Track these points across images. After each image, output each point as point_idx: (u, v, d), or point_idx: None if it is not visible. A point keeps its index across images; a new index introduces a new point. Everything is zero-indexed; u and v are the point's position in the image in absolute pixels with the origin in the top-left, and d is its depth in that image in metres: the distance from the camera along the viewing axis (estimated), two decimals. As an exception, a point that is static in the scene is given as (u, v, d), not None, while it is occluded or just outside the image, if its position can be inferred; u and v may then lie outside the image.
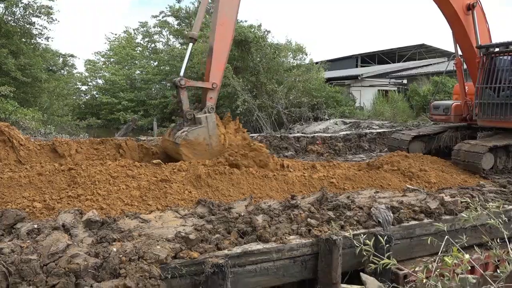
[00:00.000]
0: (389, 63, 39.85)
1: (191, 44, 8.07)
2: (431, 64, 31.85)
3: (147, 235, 4.52)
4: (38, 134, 14.59)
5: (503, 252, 3.40)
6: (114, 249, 4.05)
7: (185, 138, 7.39)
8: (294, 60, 27.51)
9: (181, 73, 7.81)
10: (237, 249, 4.39)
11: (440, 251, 3.60)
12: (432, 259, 3.87)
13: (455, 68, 11.47)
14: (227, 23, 7.88)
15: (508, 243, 3.47)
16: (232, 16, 7.96)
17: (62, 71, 28.53)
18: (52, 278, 3.60)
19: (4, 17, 19.69)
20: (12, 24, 20.03)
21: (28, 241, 4.15)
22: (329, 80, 28.18)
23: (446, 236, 3.69)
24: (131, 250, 4.04)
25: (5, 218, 4.65)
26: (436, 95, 18.64)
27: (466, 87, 11.13)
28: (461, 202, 6.01)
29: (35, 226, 4.47)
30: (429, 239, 3.89)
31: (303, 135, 14.31)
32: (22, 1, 19.76)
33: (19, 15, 20.31)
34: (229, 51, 8.26)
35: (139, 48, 41.07)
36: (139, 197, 5.88)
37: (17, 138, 7.28)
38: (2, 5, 19.48)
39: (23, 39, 20.46)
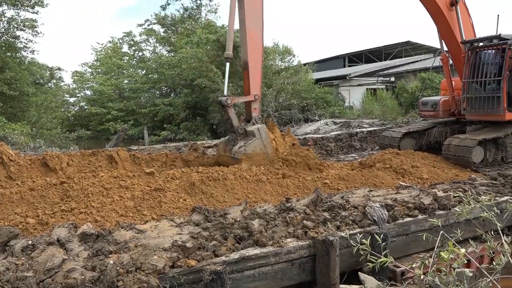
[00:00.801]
0: (376, 61, 40.15)
1: (228, 64, 8.50)
2: (417, 61, 32.16)
3: (144, 246, 4.49)
4: (27, 148, 14.42)
5: (497, 244, 3.44)
6: (111, 262, 4.02)
7: (245, 153, 7.94)
8: (282, 63, 27.60)
9: (225, 92, 8.49)
10: (235, 255, 4.39)
11: (436, 247, 3.63)
12: (429, 255, 3.91)
13: (441, 64, 11.61)
14: (255, 35, 8.36)
15: (501, 235, 3.51)
16: (259, 28, 8.41)
17: (50, 84, 28.28)
18: (49, 294, 3.56)
19: (-12, 31, 19.52)
20: (-4, 38, 19.87)
21: (23, 258, 4.11)
22: (317, 81, 28.31)
23: (441, 231, 3.72)
24: (128, 261, 4.01)
25: (-2, 235, 4.60)
26: (424, 91, 18.84)
27: (453, 82, 11.27)
28: (454, 196, 6.07)
29: (29, 242, 4.42)
30: (424, 235, 3.92)
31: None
32: (5, 15, 19.62)
33: (3, 29, 20.15)
34: (263, 61, 8.78)
35: (126, 57, 40.88)
36: (133, 208, 5.85)
37: (7, 154, 7.20)
38: (-15, 20, 19.31)
39: (8, 53, 20.26)
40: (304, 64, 26.99)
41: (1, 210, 5.63)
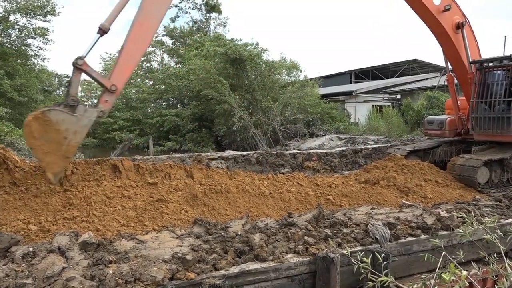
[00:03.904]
0: (383, 78, 40.30)
1: (98, 35, 6.75)
2: (424, 79, 32.24)
3: (144, 257, 4.49)
4: (33, 155, 14.49)
5: (500, 267, 3.40)
6: (110, 271, 4.02)
7: (45, 112, 6.04)
8: (289, 77, 27.78)
9: (83, 54, 6.64)
10: (234, 269, 4.36)
11: (438, 268, 3.59)
12: (430, 276, 3.86)
13: (447, 84, 11.64)
14: (149, 25, 6.90)
15: (505, 258, 3.47)
16: (157, 19, 7.00)
17: (58, 91, 28.60)
18: (47, 302, 3.56)
19: (0, 39, 19.86)
20: (8, 46, 20.20)
21: (23, 264, 4.11)
22: (323, 96, 28.42)
23: (443, 252, 3.68)
24: (127, 272, 4.00)
25: (0, 241, 4.61)
26: (429, 109, 18.82)
27: (459, 102, 11.27)
28: (458, 217, 6.02)
29: (30, 249, 4.43)
30: (426, 255, 3.88)
31: (299, 151, 14.31)
32: (18, 23, 19.98)
33: (15, 37, 20.51)
34: (142, 56, 7.47)
35: (134, 67, 41.24)
36: (135, 218, 5.86)
37: (12, 160, 7.24)
38: (-1, 28, 19.70)
39: (19, 60, 20.58)
40: (311, 79, 27.14)
41: (4, 216, 5.65)
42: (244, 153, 12.90)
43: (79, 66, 6.46)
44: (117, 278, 3.89)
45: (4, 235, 4.71)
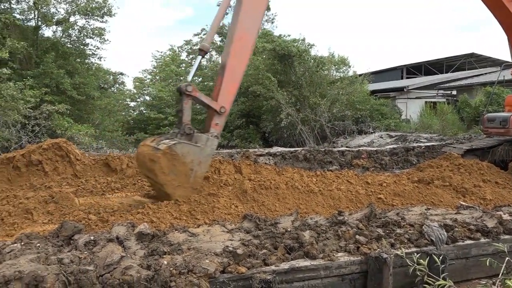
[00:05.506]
0: (437, 73, 38.56)
1: (199, 57, 7.11)
2: (482, 74, 30.49)
3: (196, 249, 4.60)
4: (90, 148, 15.31)
5: None
6: (165, 262, 4.15)
7: (172, 147, 6.07)
8: (337, 73, 27.31)
9: (189, 79, 6.92)
10: (285, 265, 4.36)
11: (501, 274, 3.40)
12: (491, 282, 3.67)
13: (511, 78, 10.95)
14: (247, 38, 6.90)
15: None
16: (253, 32, 7.06)
17: (113, 88, 29.89)
18: (107, 288, 3.75)
19: (62, 39, 21.07)
20: (68, 46, 21.40)
21: (85, 252, 4.35)
22: (373, 92, 27.69)
23: (507, 258, 3.48)
24: (181, 263, 4.12)
25: (64, 229, 4.91)
26: (488, 106, 17.78)
27: (523, 98, 10.58)
28: (522, 221, 5.65)
29: (91, 238, 4.67)
30: (488, 260, 3.68)
31: (347, 149, 14.07)
32: (77, 24, 21.11)
33: (75, 37, 21.69)
34: (245, 71, 7.36)
35: (183, 64, 42.24)
36: (187, 212, 6.02)
37: (74, 153, 7.72)
38: (60, 29, 20.89)
39: (78, 60, 21.74)
40: (360, 75, 26.51)
41: (67, 206, 6.02)
42: (292, 149, 12.89)
43: (188, 92, 6.49)
44: (172, 268, 4.01)
45: (68, 223, 5.00)
